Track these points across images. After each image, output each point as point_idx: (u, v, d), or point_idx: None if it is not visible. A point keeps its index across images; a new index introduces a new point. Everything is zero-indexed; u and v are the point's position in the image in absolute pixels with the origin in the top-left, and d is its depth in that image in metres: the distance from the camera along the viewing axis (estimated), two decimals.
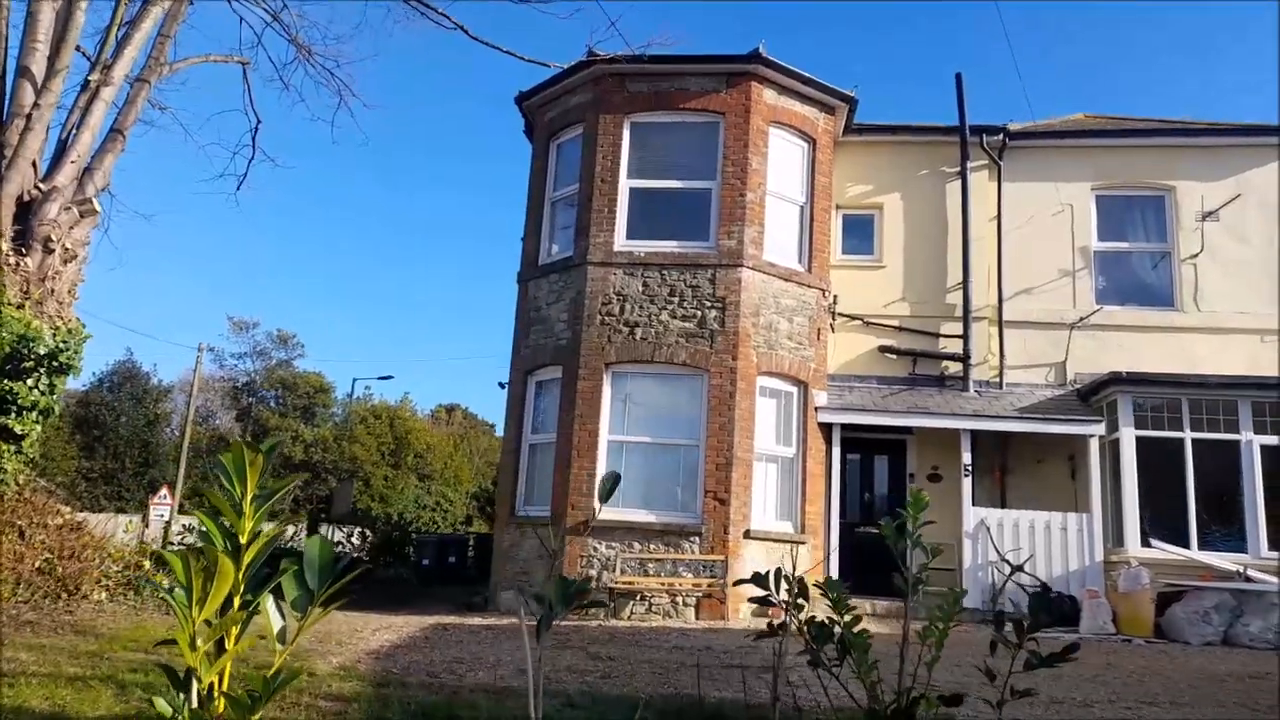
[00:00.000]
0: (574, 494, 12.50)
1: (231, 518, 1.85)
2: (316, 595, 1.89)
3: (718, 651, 8.65)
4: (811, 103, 14.35)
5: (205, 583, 1.70)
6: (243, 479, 1.85)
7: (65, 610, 8.56)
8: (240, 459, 1.84)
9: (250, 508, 1.87)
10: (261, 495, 1.88)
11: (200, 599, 1.72)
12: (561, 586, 2.80)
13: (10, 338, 9.89)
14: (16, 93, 11.47)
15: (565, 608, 2.85)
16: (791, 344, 13.34)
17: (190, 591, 1.72)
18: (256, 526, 1.88)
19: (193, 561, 1.70)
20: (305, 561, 1.93)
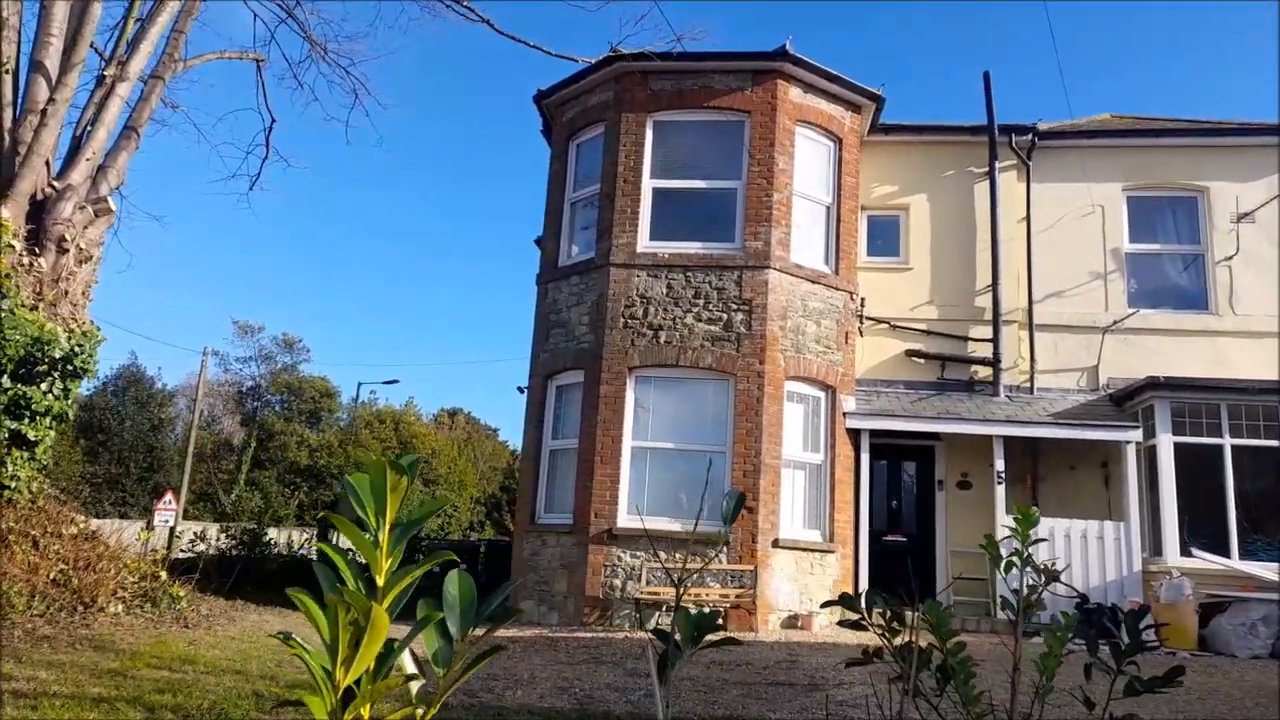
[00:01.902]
0: (597, 501, 12.19)
1: (368, 553, 1.54)
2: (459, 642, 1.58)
3: (757, 667, 8.32)
4: (838, 101, 14.06)
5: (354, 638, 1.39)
6: (381, 506, 1.54)
7: (82, 624, 8.23)
8: (380, 481, 1.53)
9: (388, 540, 1.56)
10: (403, 526, 1.57)
11: (347, 658, 1.41)
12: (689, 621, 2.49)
13: (24, 340, 9.58)
14: (30, 88, 11.19)
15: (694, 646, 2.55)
16: (819, 348, 13.04)
17: (335, 648, 1.41)
18: (395, 563, 1.57)
19: (341, 612, 1.39)
20: (445, 603, 1.62)
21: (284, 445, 38.87)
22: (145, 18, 12.48)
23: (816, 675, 7.91)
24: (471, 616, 1.64)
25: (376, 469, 1.56)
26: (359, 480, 1.56)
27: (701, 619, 2.53)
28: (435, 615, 1.59)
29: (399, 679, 1.55)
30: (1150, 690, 2.50)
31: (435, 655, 1.61)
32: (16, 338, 9.55)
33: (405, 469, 1.57)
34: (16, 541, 8.67)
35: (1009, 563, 3.04)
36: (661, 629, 2.53)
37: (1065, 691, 2.99)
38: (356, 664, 1.43)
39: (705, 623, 2.54)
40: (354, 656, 1.43)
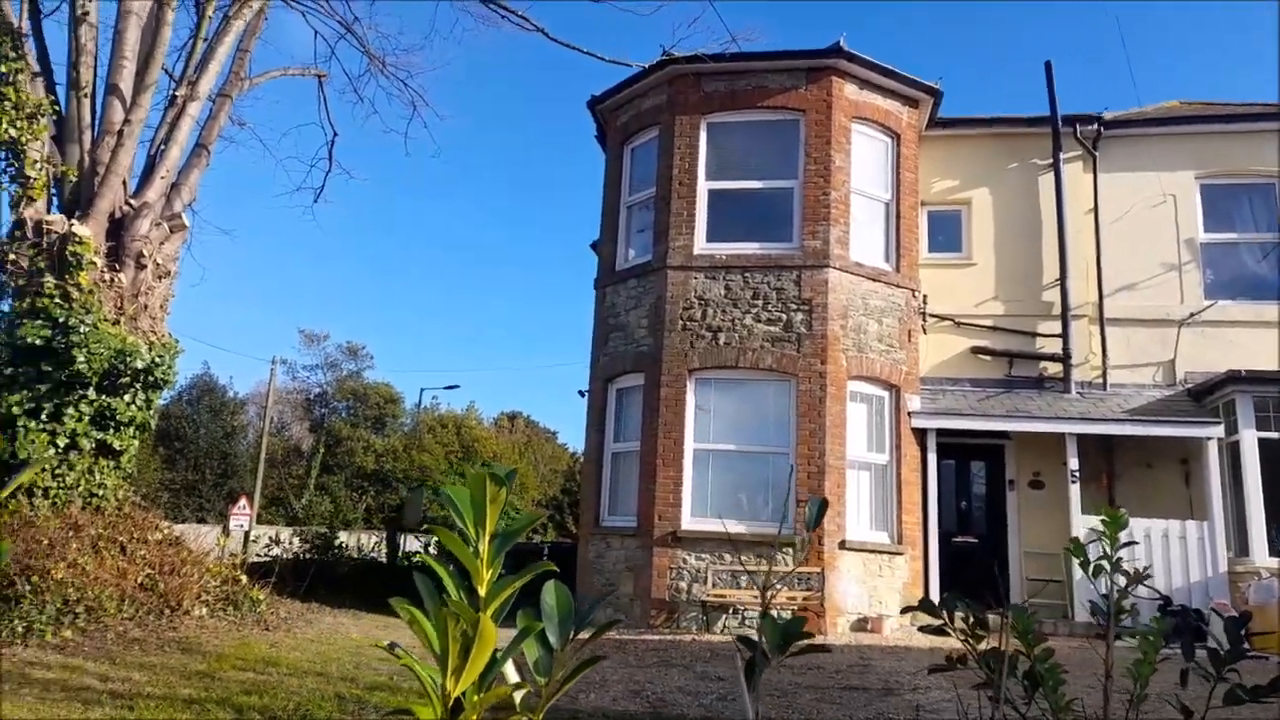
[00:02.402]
0: (660, 504, 12.22)
1: (470, 564, 1.58)
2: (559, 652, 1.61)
3: (829, 671, 8.25)
4: (895, 96, 13.87)
5: (463, 648, 1.43)
6: (480, 517, 1.58)
7: (169, 626, 8.54)
8: (480, 493, 1.57)
9: (489, 551, 1.59)
10: (502, 536, 1.61)
11: (456, 668, 1.44)
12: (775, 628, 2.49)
13: (107, 354, 9.97)
14: (107, 110, 11.64)
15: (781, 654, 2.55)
16: (882, 346, 12.87)
17: (446, 659, 1.45)
18: (496, 574, 1.61)
19: (451, 624, 1.43)
20: (544, 613, 1.65)
21: (351, 450, 39.75)
22: (212, 38, 12.89)
23: (891, 680, 7.81)
24: (570, 626, 1.67)
25: (475, 481, 1.59)
26: (458, 492, 1.60)
27: (788, 626, 2.53)
28: (536, 626, 1.62)
29: (508, 689, 1.58)
30: (1255, 699, 2.42)
31: (537, 664, 1.64)
32: (101, 351, 9.94)
33: (504, 480, 1.61)
34: (106, 547, 9.03)
35: (1097, 566, 2.97)
36: (747, 636, 2.54)
37: (1160, 699, 2.92)
38: (466, 674, 1.46)
39: (792, 630, 2.53)
40: (463, 667, 1.46)
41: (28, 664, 6.73)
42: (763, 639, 2.50)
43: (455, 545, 1.59)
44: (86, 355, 9.87)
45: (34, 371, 9.88)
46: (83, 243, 10.59)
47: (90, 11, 11.72)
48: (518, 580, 1.63)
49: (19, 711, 5.35)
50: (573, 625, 1.67)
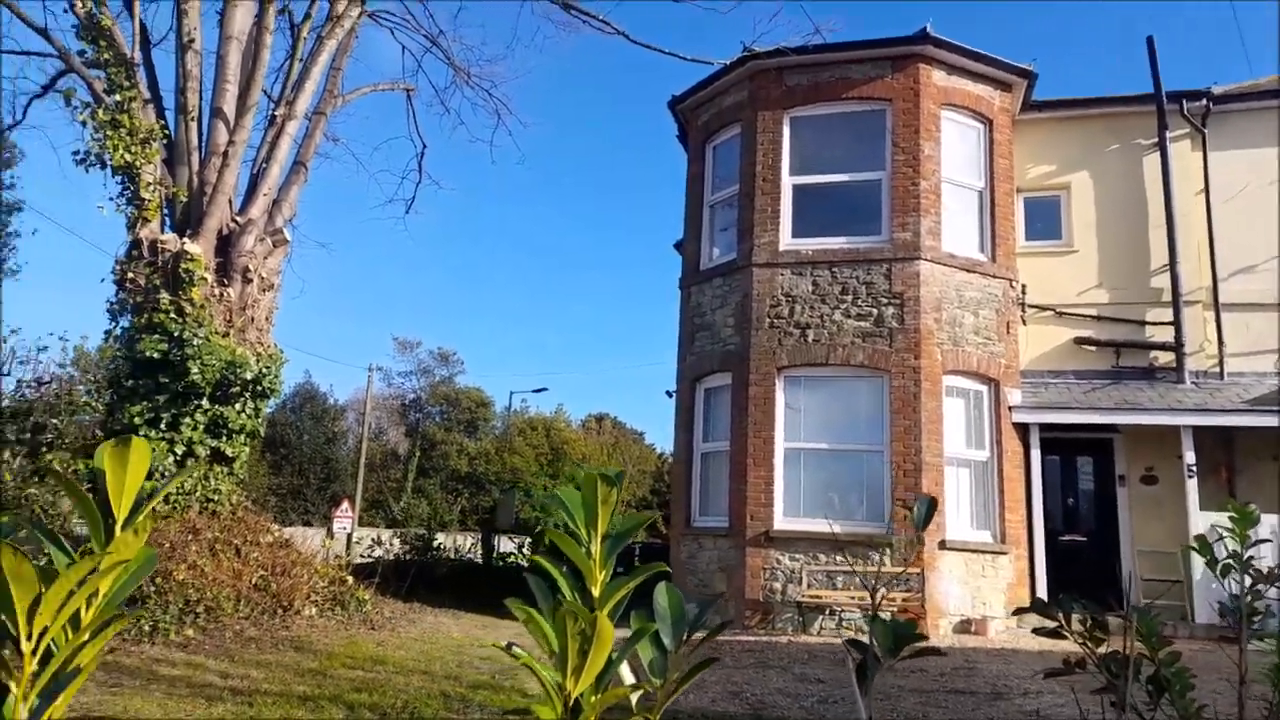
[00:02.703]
0: (752, 504, 12.11)
1: (584, 565, 1.58)
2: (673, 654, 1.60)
3: (933, 674, 8.03)
4: (985, 81, 13.42)
5: (582, 649, 1.44)
6: (592, 518, 1.58)
7: (282, 626, 8.90)
8: (592, 494, 1.57)
9: (601, 551, 1.59)
10: (614, 537, 1.61)
11: (576, 669, 1.45)
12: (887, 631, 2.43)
13: (219, 365, 10.46)
14: (212, 133, 12.22)
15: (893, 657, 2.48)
16: (978, 339, 12.47)
17: (565, 659, 1.45)
18: (609, 575, 1.61)
19: (570, 624, 1.43)
20: (657, 615, 1.64)
21: (445, 454, 40.76)
22: (307, 58, 13.40)
23: (999, 683, 7.55)
24: (684, 627, 1.66)
25: (587, 482, 1.60)
26: (569, 494, 1.61)
27: (900, 628, 2.46)
28: (650, 627, 1.61)
29: (627, 690, 1.58)
30: None
31: (652, 665, 1.64)
32: (213, 363, 10.44)
33: (614, 481, 1.61)
34: (222, 550, 9.47)
35: (1225, 565, 2.81)
36: (857, 639, 2.48)
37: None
38: (585, 674, 1.46)
39: (904, 632, 2.47)
40: (581, 667, 1.46)
41: (155, 661, 7.10)
42: (873, 641, 2.44)
43: (568, 546, 1.60)
44: (200, 367, 10.38)
45: (152, 383, 10.45)
46: (194, 260, 11.14)
47: (195, 39, 12.33)
48: (631, 581, 1.63)
49: (149, 707, 5.65)
50: (686, 627, 1.65)
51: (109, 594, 1.32)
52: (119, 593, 1.34)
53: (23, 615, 1.19)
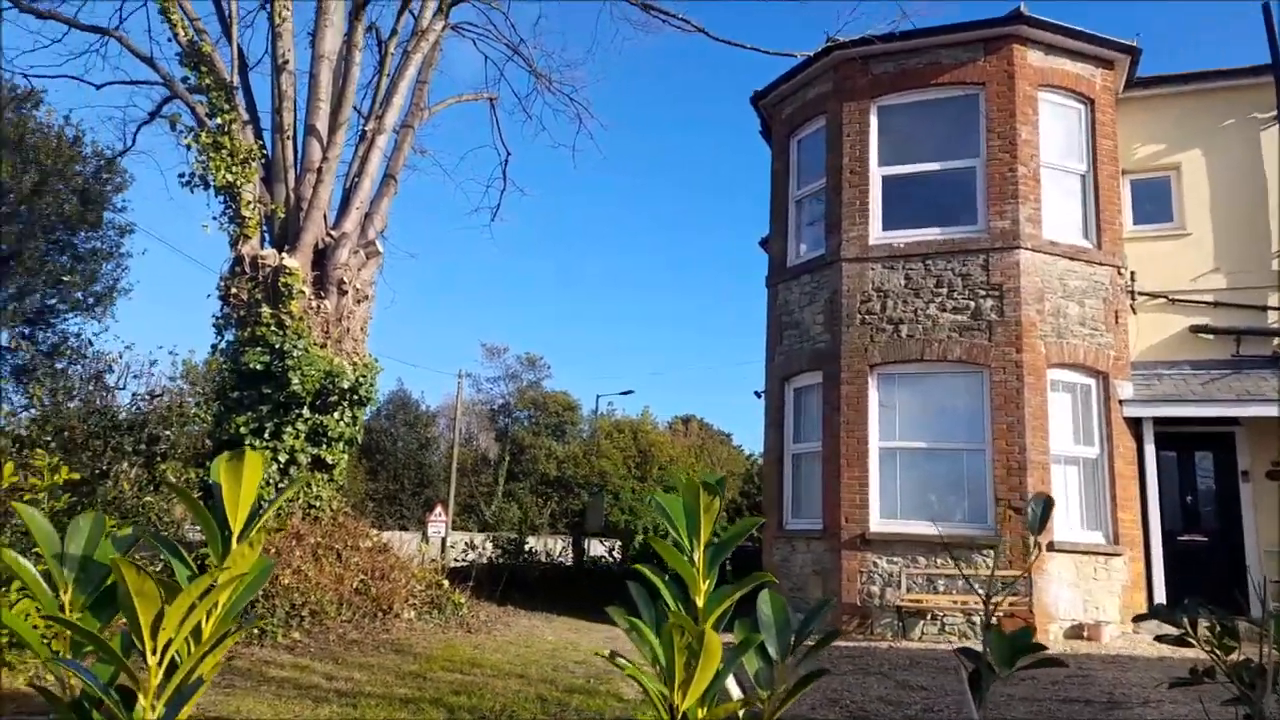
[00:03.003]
0: (847, 505, 11.82)
1: (687, 574, 1.49)
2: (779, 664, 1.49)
3: (1044, 681, 7.65)
4: (1085, 59, 12.79)
5: (689, 661, 1.35)
6: (695, 527, 1.49)
7: (382, 629, 9.09)
8: (694, 502, 1.48)
9: (704, 560, 1.50)
10: (717, 545, 1.51)
11: (684, 682, 1.36)
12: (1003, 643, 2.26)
13: (318, 375, 10.77)
14: (306, 150, 12.61)
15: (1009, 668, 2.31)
16: (1084, 330, 11.88)
17: (672, 673, 1.37)
18: (712, 584, 1.51)
19: (676, 638, 1.35)
20: (761, 624, 1.54)
21: (534, 458, 41.28)
22: (394, 73, 13.70)
23: (1115, 692, 7.14)
24: (789, 637, 1.55)
25: (688, 489, 1.51)
26: (670, 502, 1.52)
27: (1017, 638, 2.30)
28: (755, 638, 1.51)
29: (736, 704, 1.48)
30: None
31: (757, 677, 1.54)
32: (312, 373, 10.76)
33: (717, 489, 1.51)
34: (324, 555, 9.74)
35: None
36: (969, 647, 2.32)
37: None
38: (693, 688, 1.37)
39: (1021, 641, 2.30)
40: (688, 680, 1.37)
41: (264, 663, 7.32)
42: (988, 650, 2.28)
43: (671, 555, 1.51)
44: (300, 377, 10.71)
45: (256, 394, 10.83)
46: (292, 274, 11.51)
47: (289, 61, 12.75)
48: (736, 591, 1.53)
49: (261, 707, 5.81)
50: (791, 636, 1.54)
51: (227, 606, 1.30)
52: (236, 604, 1.32)
53: (147, 629, 1.19)
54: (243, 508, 1.33)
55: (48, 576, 1.41)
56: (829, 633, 1.67)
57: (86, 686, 1.29)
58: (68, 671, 1.34)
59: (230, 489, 1.34)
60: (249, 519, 1.33)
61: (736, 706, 1.49)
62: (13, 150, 21.31)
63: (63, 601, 1.38)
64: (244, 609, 1.31)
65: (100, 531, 1.40)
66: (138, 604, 1.22)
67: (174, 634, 1.26)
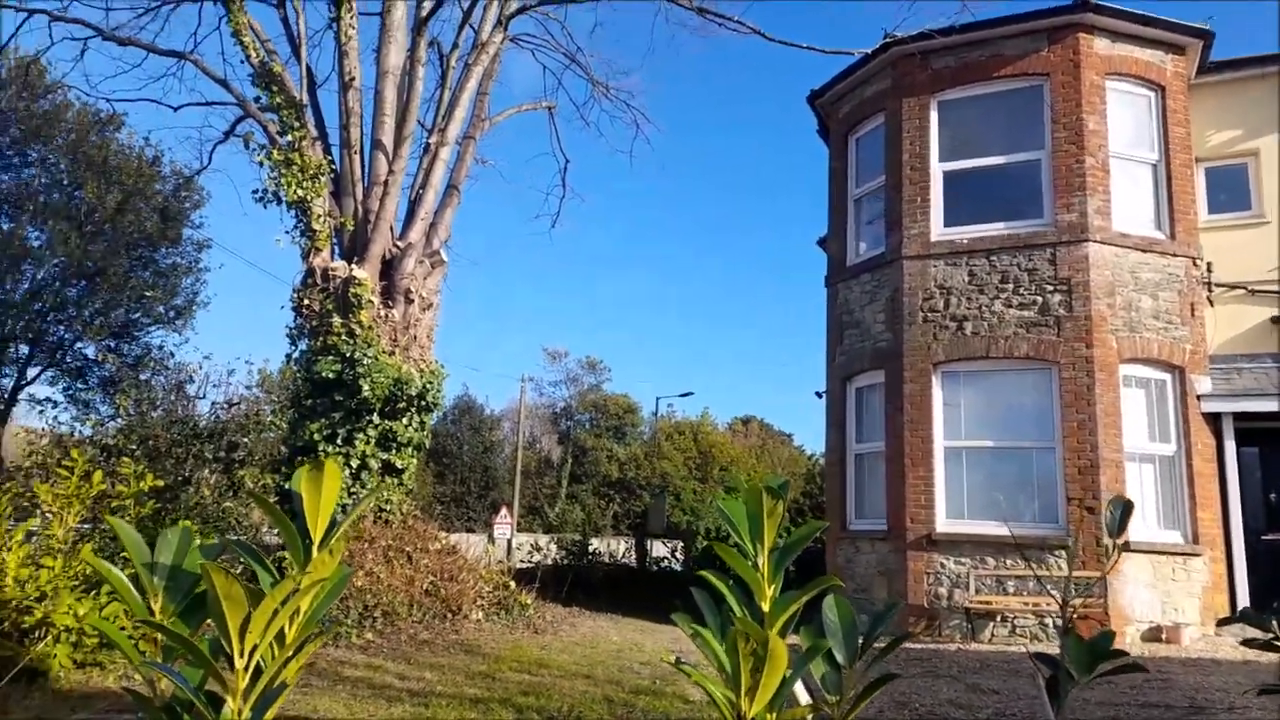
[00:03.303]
0: (911, 506, 11.67)
1: (752, 579, 1.55)
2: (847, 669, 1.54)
3: (1121, 685, 7.46)
4: (1155, 45, 12.41)
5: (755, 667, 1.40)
6: (758, 531, 1.54)
7: (452, 630, 9.30)
8: (757, 506, 1.54)
9: (769, 564, 1.55)
10: (782, 550, 1.57)
11: (750, 688, 1.42)
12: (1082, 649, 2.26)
13: (387, 382, 11.07)
14: (373, 164, 12.98)
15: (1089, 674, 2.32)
16: (1158, 324, 11.53)
17: (738, 679, 1.43)
18: (777, 588, 1.56)
19: (741, 644, 1.41)
20: (828, 629, 1.59)
21: (595, 460, 41.65)
22: (455, 86, 14.00)
23: (1198, 697, 6.93)
24: (857, 642, 1.59)
25: (751, 495, 1.56)
26: (732, 506, 1.57)
27: (1096, 643, 2.30)
28: (822, 644, 1.56)
29: (805, 710, 1.53)
30: None
31: (825, 682, 1.58)
32: (382, 380, 11.06)
33: (779, 493, 1.56)
34: (394, 557, 10.01)
35: None
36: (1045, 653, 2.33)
37: None
38: (760, 695, 1.42)
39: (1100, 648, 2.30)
40: (754, 686, 1.43)
41: (339, 663, 7.57)
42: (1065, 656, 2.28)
43: (735, 561, 1.57)
44: (370, 385, 11.03)
45: (328, 401, 11.18)
46: (362, 284, 11.86)
47: (355, 77, 13.14)
48: (802, 595, 1.58)
49: (337, 707, 6.02)
50: (858, 641, 1.58)
51: (308, 611, 1.39)
52: (318, 610, 1.41)
53: (235, 633, 1.28)
54: (323, 516, 1.43)
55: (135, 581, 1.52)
56: (897, 636, 1.70)
57: (177, 689, 1.38)
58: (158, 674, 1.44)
59: (311, 498, 1.44)
60: (328, 527, 1.43)
61: (804, 712, 1.53)
62: (97, 172, 22.36)
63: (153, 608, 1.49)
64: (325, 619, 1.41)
65: (188, 542, 1.51)
66: (226, 608, 1.31)
67: (259, 638, 1.34)
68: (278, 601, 1.29)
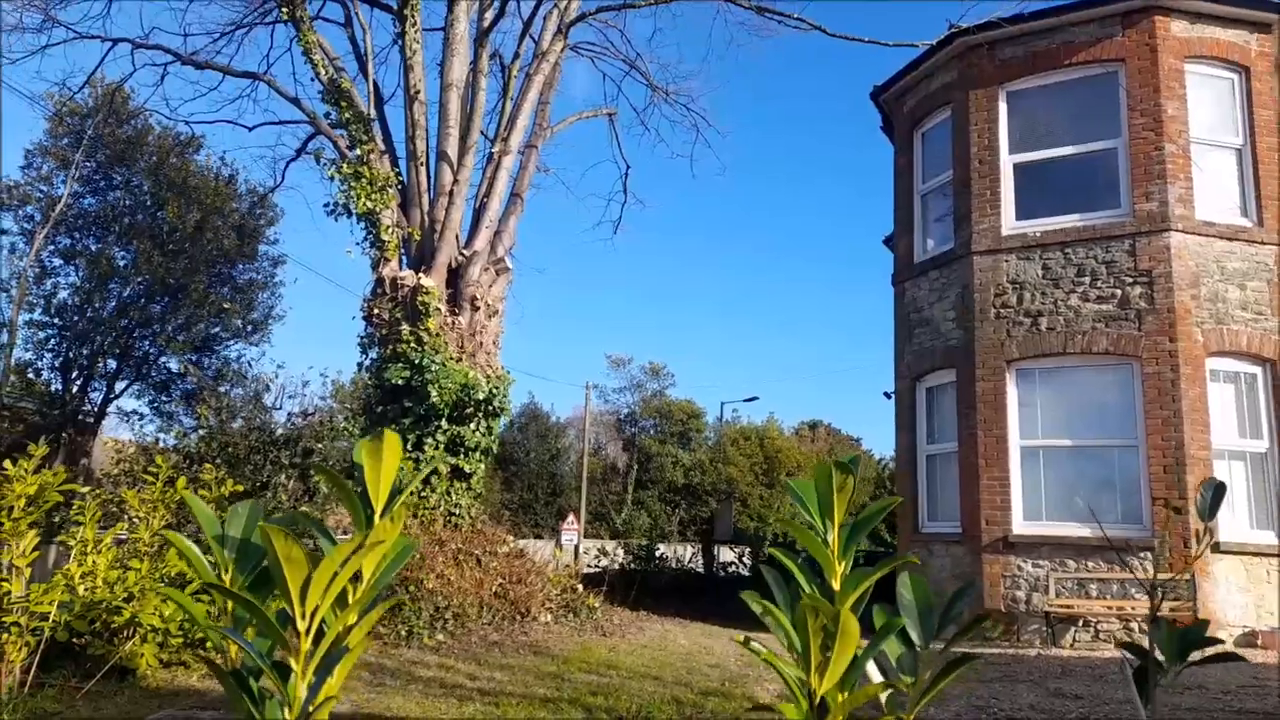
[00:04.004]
0: (986, 507, 11.36)
1: (821, 555, 1.51)
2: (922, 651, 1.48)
3: (1213, 691, 7.12)
4: (1237, 24, 11.89)
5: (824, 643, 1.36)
6: (827, 506, 1.50)
7: (521, 631, 9.37)
8: (826, 483, 1.49)
9: (839, 541, 1.51)
10: (853, 526, 1.52)
11: (820, 665, 1.38)
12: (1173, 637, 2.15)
13: (454, 388, 11.24)
14: (438, 175, 13.22)
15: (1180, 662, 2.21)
16: (1247, 315, 11.02)
17: (808, 655, 1.39)
18: (848, 565, 1.52)
19: (810, 619, 1.37)
20: (902, 608, 1.53)
21: (661, 466, 41.58)
22: (518, 96, 14.20)
23: None
24: (933, 623, 1.53)
25: (821, 472, 1.52)
26: (803, 485, 1.53)
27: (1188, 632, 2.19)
28: (897, 623, 1.51)
29: (878, 687, 1.48)
30: None
31: (900, 662, 1.52)
32: (449, 386, 11.24)
33: (849, 468, 1.52)
34: (464, 560, 10.13)
35: None
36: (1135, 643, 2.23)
37: None
38: (830, 671, 1.38)
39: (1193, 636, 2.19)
40: (825, 664, 1.38)
41: (411, 663, 7.69)
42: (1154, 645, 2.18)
43: (805, 537, 1.53)
44: (438, 391, 11.21)
45: (398, 408, 11.40)
46: (429, 293, 12.07)
47: (420, 90, 13.41)
48: (876, 572, 1.53)
49: (409, 705, 6.11)
50: (935, 620, 1.53)
51: (371, 577, 1.40)
52: (381, 576, 1.42)
53: (296, 594, 1.29)
54: (384, 485, 1.44)
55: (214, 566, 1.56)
56: (976, 617, 1.63)
57: (246, 656, 1.41)
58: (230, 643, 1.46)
59: (371, 468, 1.45)
60: (390, 496, 1.43)
61: (878, 689, 1.48)
62: (178, 192, 23.27)
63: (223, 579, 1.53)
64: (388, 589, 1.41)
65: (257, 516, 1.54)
66: (287, 570, 1.32)
67: (320, 600, 1.35)
68: (337, 563, 1.30)
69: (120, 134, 23.02)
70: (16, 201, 22.62)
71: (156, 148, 23.48)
